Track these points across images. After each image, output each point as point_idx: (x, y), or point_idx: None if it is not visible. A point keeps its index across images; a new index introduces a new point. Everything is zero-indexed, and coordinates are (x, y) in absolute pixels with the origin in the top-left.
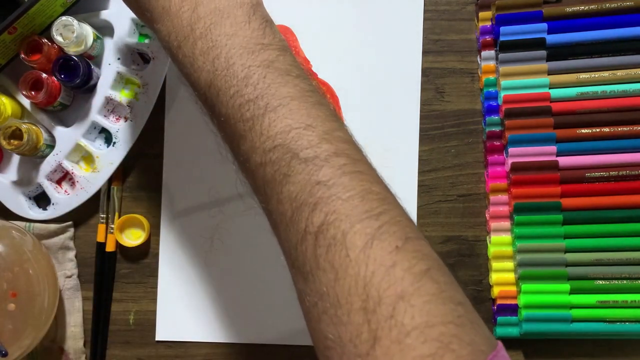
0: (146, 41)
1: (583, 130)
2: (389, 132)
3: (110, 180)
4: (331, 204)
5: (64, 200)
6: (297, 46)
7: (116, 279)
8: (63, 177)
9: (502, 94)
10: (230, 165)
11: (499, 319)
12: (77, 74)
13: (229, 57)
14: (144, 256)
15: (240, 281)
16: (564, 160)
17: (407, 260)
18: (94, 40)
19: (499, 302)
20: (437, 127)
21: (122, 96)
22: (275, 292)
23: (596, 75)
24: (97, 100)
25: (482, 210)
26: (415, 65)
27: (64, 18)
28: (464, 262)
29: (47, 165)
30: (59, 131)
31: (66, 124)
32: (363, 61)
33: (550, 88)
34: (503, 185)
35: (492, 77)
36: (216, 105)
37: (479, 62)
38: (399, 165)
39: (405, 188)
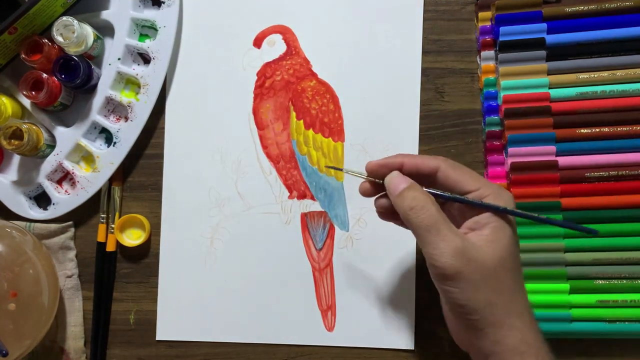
0: (146, 41)
1: (583, 130)
2: (389, 132)
3: (110, 180)
4: None
5: (65, 200)
6: (297, 46)
7: (116, 279)
8: (63, 177)
9: (502, 94)
10: (230, 166)
11: None
12: (78, 74)
13: None
14: (145, 256)
15: (241, 281)
16: (563, 160)
17: None
18: (95, 41)
19: None
20: (437, 127)
21: (122, 96)
22: (275, 292)
23: (596, 75)
24: (98, 100)
25: None
26: (415, 65)
27: (64, 18)
28: None
29: (48, 165)
30: (60, 131)
31: (67, 124)
32: (363, 61)
33: (549, 88)
34: (503, 185)
35: (491, 77)
36: None
37: (479, 62)
38: None
39: None
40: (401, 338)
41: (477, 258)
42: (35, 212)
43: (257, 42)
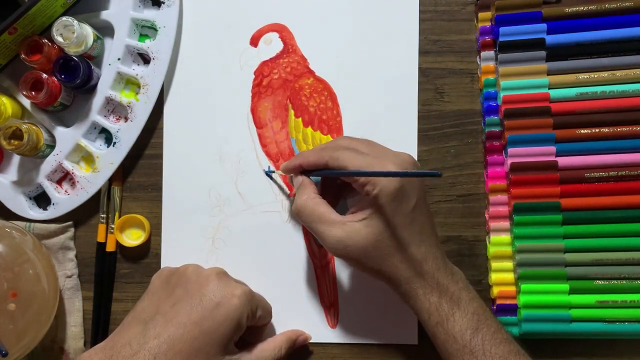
0: (146, 41)
1: (582, 131)
2: (388, 132)
3: (110, 180)
4: None
5: (64, 200)
6: (294, 44)
7: (116, 279)
8: (63, 177)
9: (502, 94)
10: (230, 165)
11: (499, 318)
12: (78, 74)
13: None
14: (144, 256)
15: (243, 280)
16: (563, 161)
17: None
18: (94, 41)
19: (498, 302)
20: (436, 128)
21: (122, 96)
22: (277, 290)
23: (595, 76)
24: (98, 101)
25: (482, 211)
26: (413, 64)
27: (64, 18)
28: (464, 262)
29: (48, 165)
30: (59, 131)
31: (66, 124)
32: (360, 59)
33: (549, 88)
34: (502, 186)
35: (491, 77)
36: None
37: (479, 62)
38: None
39: None
40: (405, 333)
41: (356, 242)
42: (35, 212)
43: (254, 41)
